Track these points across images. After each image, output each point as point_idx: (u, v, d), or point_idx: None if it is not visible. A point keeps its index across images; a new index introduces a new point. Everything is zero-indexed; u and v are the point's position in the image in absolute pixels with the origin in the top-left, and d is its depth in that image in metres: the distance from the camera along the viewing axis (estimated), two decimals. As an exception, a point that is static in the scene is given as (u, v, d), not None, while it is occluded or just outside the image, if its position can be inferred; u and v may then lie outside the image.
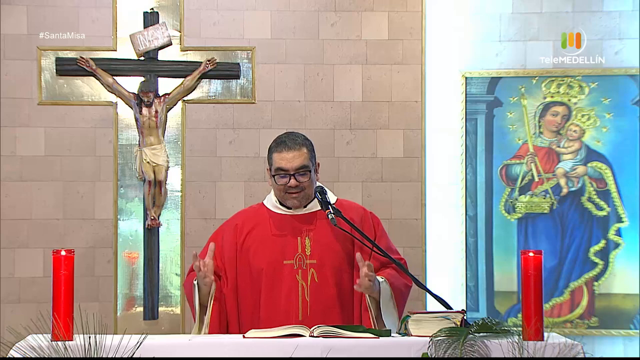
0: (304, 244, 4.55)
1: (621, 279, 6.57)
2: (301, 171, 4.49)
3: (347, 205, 4.66)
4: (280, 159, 4.48)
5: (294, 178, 4.48)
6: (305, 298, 4.49)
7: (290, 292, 4.49)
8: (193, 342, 3.96)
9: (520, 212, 6.61)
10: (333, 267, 4.53)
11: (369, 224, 4.63)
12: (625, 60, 6.59)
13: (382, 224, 4.70)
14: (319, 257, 4.52)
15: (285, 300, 4.48)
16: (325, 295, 4.50)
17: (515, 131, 6.64)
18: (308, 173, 4.51)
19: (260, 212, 4.66)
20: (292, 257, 4.51)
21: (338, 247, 4.55)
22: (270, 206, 4.64)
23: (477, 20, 6.66)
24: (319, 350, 3.88)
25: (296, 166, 4.48)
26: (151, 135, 6.43)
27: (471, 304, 6.55)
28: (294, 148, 4.49)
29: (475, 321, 3.99)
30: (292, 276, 4.49)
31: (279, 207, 4.61)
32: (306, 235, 4.55)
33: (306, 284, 4.50)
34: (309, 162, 4.52)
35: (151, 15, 6.52)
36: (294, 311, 4.47)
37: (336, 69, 6.63)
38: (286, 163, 4.48)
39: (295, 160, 4.48)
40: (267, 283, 4.51)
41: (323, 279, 4.51)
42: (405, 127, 6.62)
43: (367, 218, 4.65)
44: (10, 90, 6.47)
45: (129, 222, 6.51)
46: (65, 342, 3.76)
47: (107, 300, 6.45)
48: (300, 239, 4.55)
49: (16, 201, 6.46)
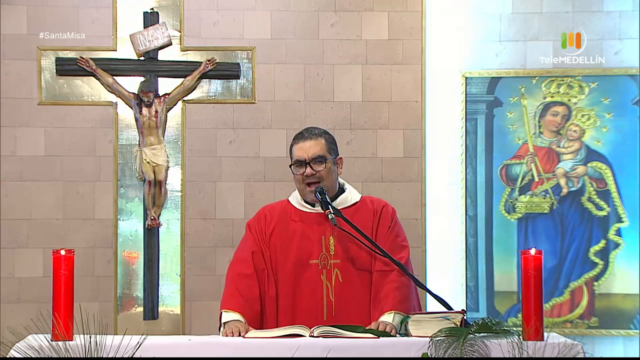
0: (328, 243, 4.53)
1: (621, 279, 6.57)
2: (317, 160, 4.48)
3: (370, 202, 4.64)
4: (298, 149, 4.51)
5: (310, 166, 4.48)
6: (330, 298, 4.48)
7: (315, 292, 4.48)
8: (193, 342, 3.96)
9: (520, 212, 6.61)
10: (356, 267, 4.51)
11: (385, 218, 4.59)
12: (625, 60, 6.60)
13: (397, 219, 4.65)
14: (342, 256, 4.51)
15: (310, 300, 4.47)
16: (350, 295, 4.49)
17: (515, 131, 6.64)
18: (324, 162, 4.49)
19: (285, 208, 4.64)
20: (317, 256, 4.50)
21: (361, 247, 4.52)
22: (295, 203, 4.62)
23: (477, 20, 6.66)
24: (319, 350, 3.88)
25: (312, 154, 4.48)
26: (151, 135, 6.43)
27: (471, 304, 6.55)
28: (311, 138, 4.51)
29: (475, 321, 3.99)
30: (317, 276, 4.48)
31: (304, 204, 4.59)
32: (330, 234, 4.52)
33: (330, 284, 4.48)
34: (326, 153, 4.51)
35: (151, 15, 6.52)
36: (318, 311, 4.46)
37: (336, 69, 6.63)
38: (302, 153, 4.49)
39: (311, 149, 4.49)
40: (291, 282, 4.50)
41: (347, 279, 4.49)
42: (405, 127, 6.62)
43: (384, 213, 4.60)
44: (10, 90, 6.47)
45: (129, 222, 6.51)
46: (65, 342, 3.76)
47: (107, 300, 6.45)
48: (324, 238, 4.52)
49: (16, 201, 6.46)
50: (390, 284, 4.50)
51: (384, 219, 4.59)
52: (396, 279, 4.49)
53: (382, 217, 4.60)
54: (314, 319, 4.35)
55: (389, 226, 4.59)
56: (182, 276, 6.47)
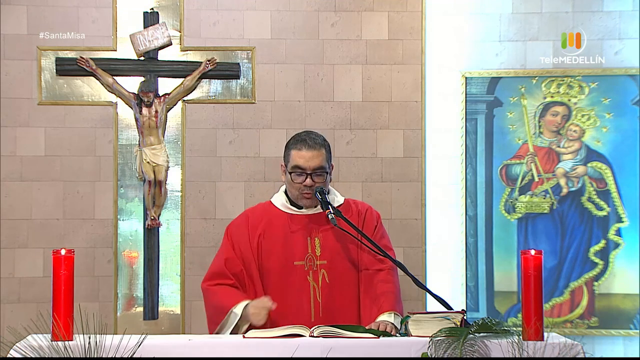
0: (314, 244, 4.54)
1: (621, 279, 6.57)
2: (318, 172, 4.48)
3: (353, 204, 4.66)
4: (299, 157, 4.48)
5: (311, 178, 4.47)
6: (317, 299, 4.49)
7: (302, 293, 4.49)
8: (193, 342, 3.96)
9: (520, 212, 6.61)
10: (343, 267, 4.53)
11: (369, 220, 4.62)
12: (625, 60, 6.60)
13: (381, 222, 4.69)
14: (329, 257, 4.52)
15: (297, 302, 4.48)
16: (337, 295, 4.50)
17: (515, 131, 6.64)
18: (325, 175, 4.50)
19: (269, 211, 4.63)
20: (303, 257, 4.51)
21: (347, 247, 4.54)
22: (279, 205, 4.62)
23: (477, 20, 6.66)
24: (319, 350, 3.89)
25: (314, 166, 4.47)
26: (151, 135, 6.43)
27: (471, 304, 6.55)
28: (314, 148, 4.48)
29: (475, 321, 4.00)
30: (303, 277, 4.49)
31: (289, 206, 4.59)
32: (316, 235, 4.54)
33: (317, 285, 4.50)
34: (326, 164, 4.51)
35: (151, 15, 6.52)
36: (306, 312, 4.47)
37: (336, 69, 6.63)
38: (304, 162, 4.47)
39: (313, 160, 4.47)
40: (278, 284, 4.51)
41: (334, 280, 4.51)
42: (405, 127, 6.63)
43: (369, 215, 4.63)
44: (10, 90, 6.47)
45: (129, 222, 6.51)
46: (65, 342, 3.77)
47: (107, 300, 6.45)
48: (310, 239, 4.54)
49: (16, 201, 6.46)
50: (385, 283, 4.51)
51: (368, 221, 4.62)
52: (391, 278, 4.52)
53: (367, 218, 4.62)
54: (302, 321, 4.35)
55: (375, 227, 4.62)
56: (182, 276, 6.47)
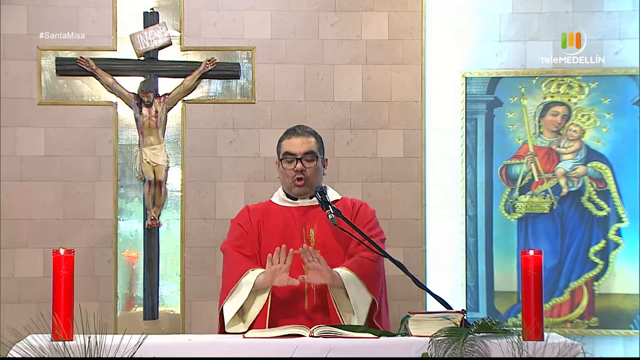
0: (309, 235, 4.70)
1: (621, 279, 6.57)
2: (308, 157, 4.67)
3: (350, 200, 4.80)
4: (289, 145, 4.70)
5: (301, 162, 4.65)
6: (312, 287, 4.61)
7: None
8: (193, 342, 3.96)
9: (520, 212, 6.61)
10: (336, 257, 4.65)
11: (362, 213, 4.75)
12: (625, 60, 6.59)
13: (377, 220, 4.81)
14: (322, 247, 4.64)
15: (291, 290, 4.58)
16: None
17: (515, 131, 6.64)
18: (315, 160, 4.68)
19: (268, 205, 4.84)
20: (298, 248, 4.59)
21: (341, 237, 4.66)
22: (277, 200, 4.82)
23: (477, 20, 6.66)
24: (319, 350, 3.89)
25: (304, 151, 4.67)
26: (151, 135, 6.43)
27: (471, 304, 6.55)
28: (304, 135, 4.71)
29: (475, 321, 4.00)
30: (298, 266, 4.57)
31: (286, 199, 4.78)
32: (310, 226, 4.70)
33: None
34: (317, 151, 4.70)
35: (151, 15, 6.51)
36: (300, 300, 4.60)
37: (336, 69, 6.63)
38: (294, 148, 4.67)
39: (303, 145, 4.68)
40: None
41: None
42: (405, 127, 6.63)
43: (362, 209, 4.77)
44: (10, 90, 6.47)
45: (129, 222, 6.50)
46: (65, 342, 3.77)
47: (107, 300, 6.45)
48: (305, 230, 4.70)
49: (16, 201, 6.45)
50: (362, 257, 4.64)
51: (362, 213, 4.77)
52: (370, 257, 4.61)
53: (359, 211, 4.78)
54: (295, 308, 4.54)
55: (368, 220, 4.75)
56: (182, 276, 6.46)
